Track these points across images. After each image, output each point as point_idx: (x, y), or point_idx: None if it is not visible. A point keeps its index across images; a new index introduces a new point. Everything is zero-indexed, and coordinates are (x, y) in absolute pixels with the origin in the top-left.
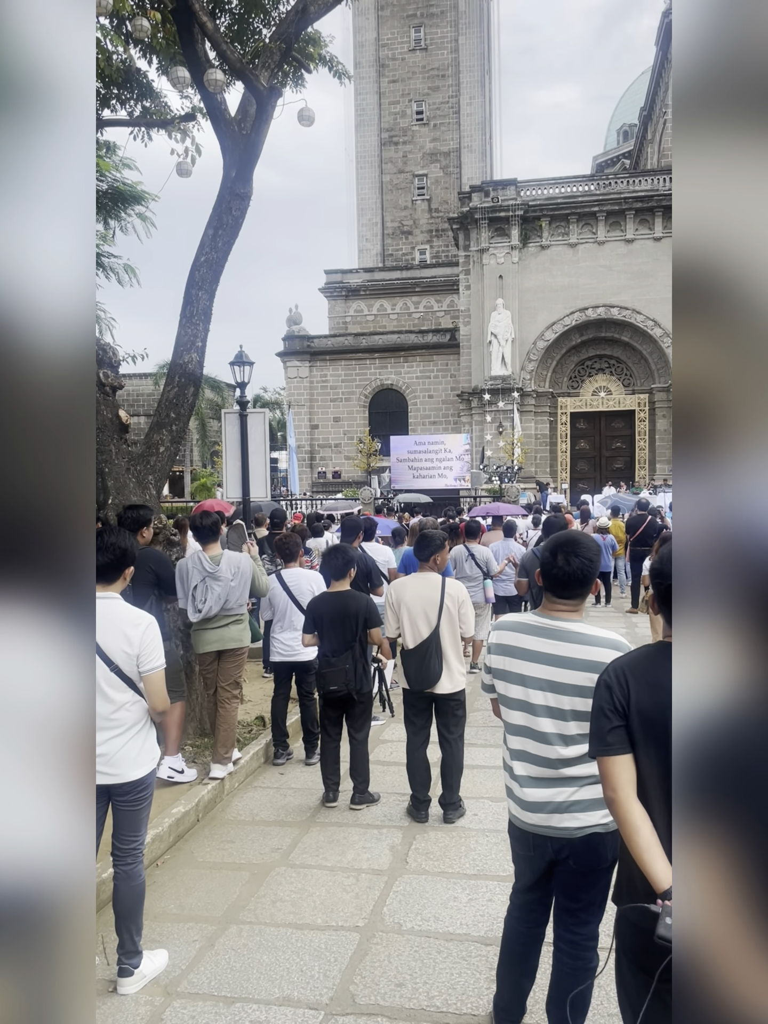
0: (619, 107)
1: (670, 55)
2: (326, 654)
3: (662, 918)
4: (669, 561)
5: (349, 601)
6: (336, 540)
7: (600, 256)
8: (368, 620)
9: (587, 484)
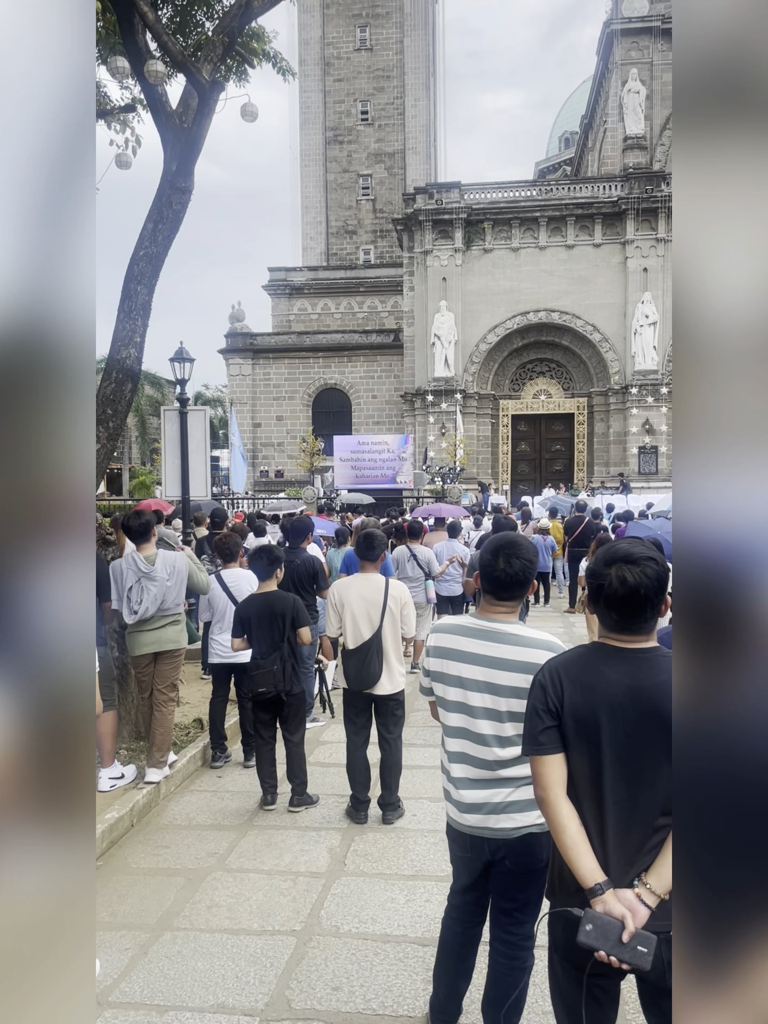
0: (561, 114)
1: (611, 64)
2: (255, 656)
3: (582, 924)
4: (603, 561)
5: (276, 601)
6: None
7: (541, 261)
8: (295, 620)
9: (527, 486)
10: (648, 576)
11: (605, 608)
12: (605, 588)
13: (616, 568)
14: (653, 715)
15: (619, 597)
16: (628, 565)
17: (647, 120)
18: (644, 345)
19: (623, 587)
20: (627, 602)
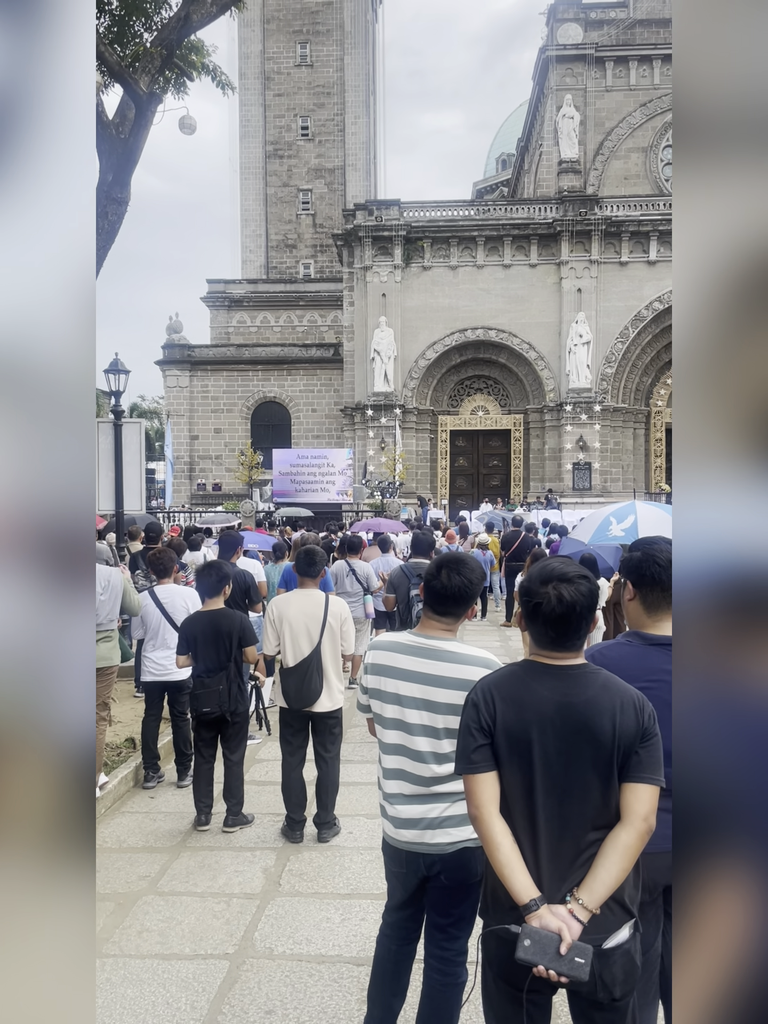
0: (498, 136)
1: (546, 90)
2: (200, 674)
3: (521, 940)
4: (537, 580)
5: (222, 620)
6: (213, 555)
7: (479, 279)
8: (242, 639)
9: (465, 500)
10: (582, 594)
11: (542, 626)
12: (543, 606)
13: (552, 586)
14: (583, 731)
15: (556, 615)
16: (563, 583)
17: (581, 145)
18: (578, 364)
19: (560, 605)
20: (564, 619)
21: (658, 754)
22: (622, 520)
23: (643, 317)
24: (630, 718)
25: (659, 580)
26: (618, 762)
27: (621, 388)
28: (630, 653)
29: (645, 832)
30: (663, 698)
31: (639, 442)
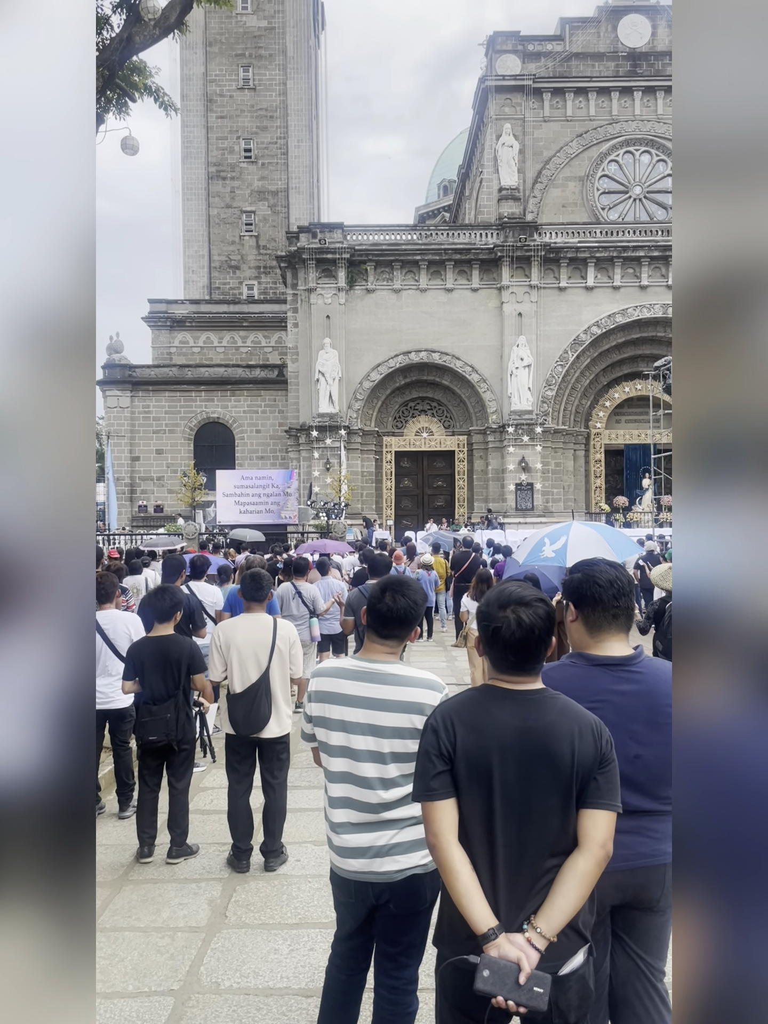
0: (440, 163)
1: (486, 118)
2: (147, 702)
3: (479, 971)
4: (496, 604)
5: (171, 646)
6: (157, 578)
7: (422, 303)
8: (192, 666)
9: (411, 521)
10: (540, 617)
11: (502, 651)
12: (502, 630)
13: (511, 610)
14: (542, 756)
15: (517, 639)
16: (522, 607)
17: (520, 173)
18: (519, 386)
19: (520, 629)
20: (524, 643)
21: (616, 780)
22: (555, 541)
23: (582, 341)
24: (588, 744)
25: (600, 601)
26: (576, 788)
27: (561, 410)
28: (575, 674)
29: (603, 859)
30: (609, 719)
31: (579, 463)
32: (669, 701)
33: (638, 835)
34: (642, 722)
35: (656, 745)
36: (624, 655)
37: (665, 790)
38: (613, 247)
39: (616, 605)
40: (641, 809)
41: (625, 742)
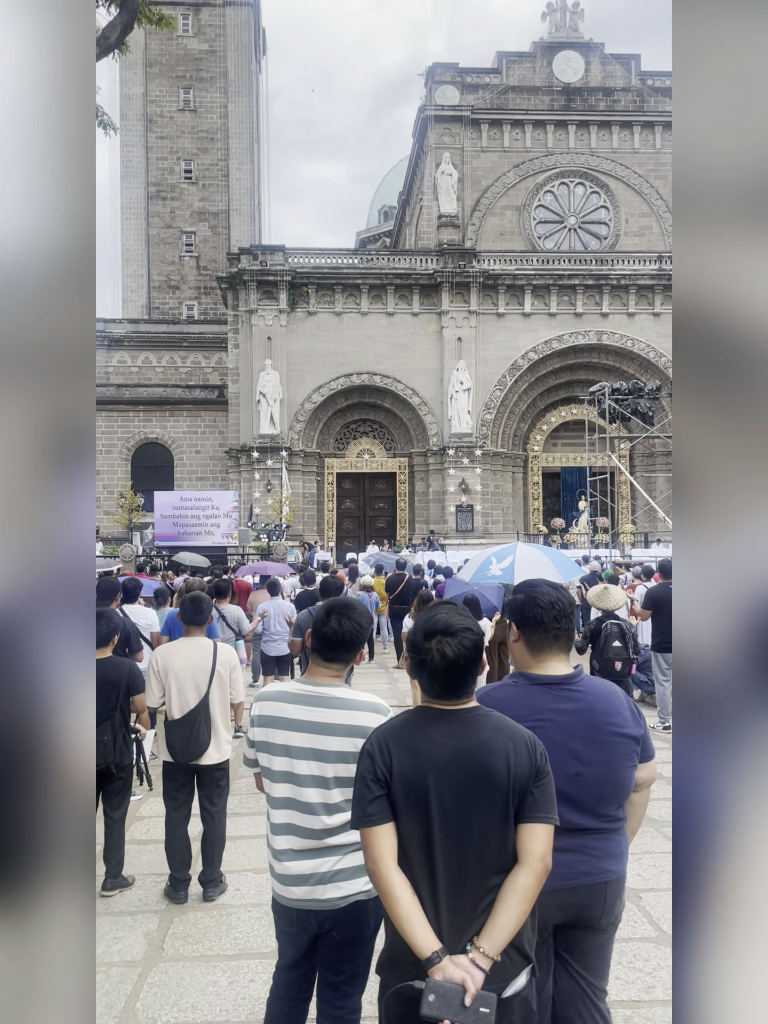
0: (380, 189)
1: (426, 147)
2: None
3: (425, 995)
4: (422, 634)
5: (111, 668)
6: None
7: (364, 326)
8: (131, 687)
9: (352, 542)
10: (466, 647)
11: (428, 680)
12: (428, 662)
13: (436, 642)
14: (478, 774)
15: (441, 670)
16: (447, 638)
17: (459, 201)
18: (459, 410)
19: (444, 660)
20: (448, 674)
21: (552, 792)
22: (502, 560)
23: (519, 366)
24: (523, 758)
25: (541, 622)
26: (514, 803)
27: (500, 433)
28: (516, 694)
29: (543, 872)
30: (550, 737)
31: (518, 485)
32: (608, 719)
33: (579, 853)
34: (582, 740)
35: (596, 763)
36: (564, 674)
37: (606, 808)
38: (549, 275)
39: (557, 626)
40: (582, 827)
41: (566, 760)
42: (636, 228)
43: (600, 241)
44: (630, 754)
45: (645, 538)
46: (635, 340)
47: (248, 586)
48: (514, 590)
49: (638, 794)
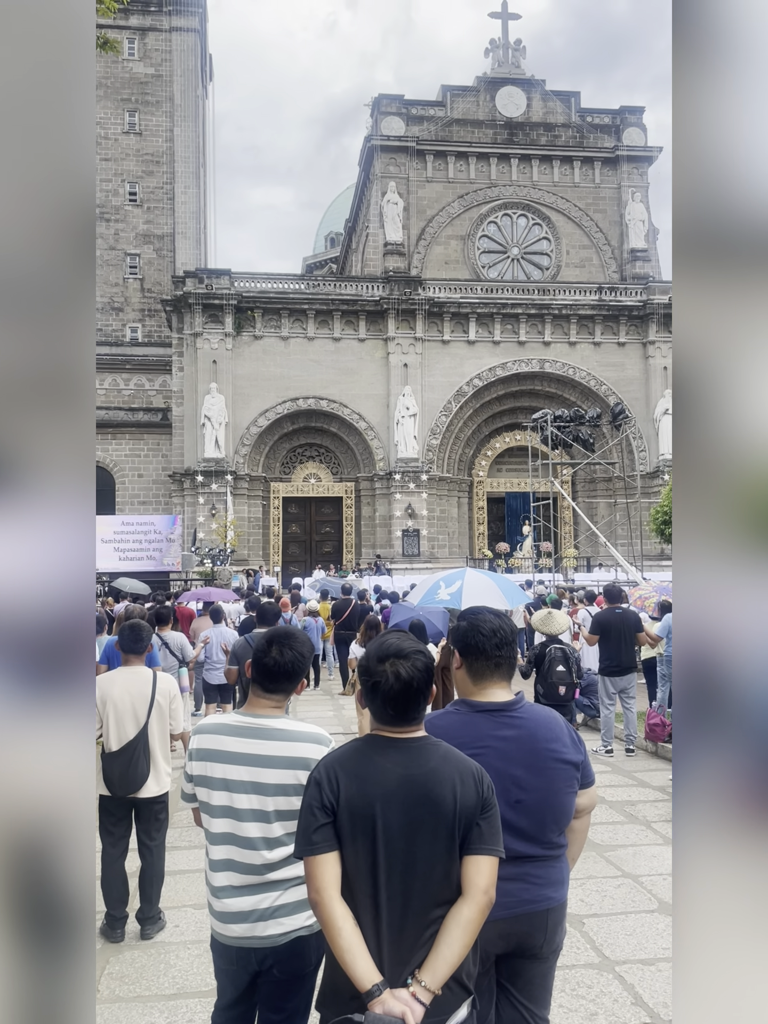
0: (327, 216)
1: (372, 176)
2: None
3: None
4: (375, 657)
5: None
6: None
7: (310, 351)
8: None
9: (298, 567)
10: (419, 669)
11: (382, 704)
12: (381, 685)
13: (390, 663)
14: (424, 802)
15: (395, 692)
16: (400, 660)
17: (405, 229)
18: (406, 435)
19: (398, 682)
20: (403, 696)
21: (498, 825)
22: (450, 584)
23: (464, 392)
24: (470, 789)
25: (483, 650)
26: (459, 834)
27: (446, 459)
28: (458, 721)
29: (486, 905)
30: (492, 764)
31: (463, 510)
32: (548, 745)
33: (522, 882)
34: (523, 767)
35: (537, 790)
36: (505, 700)
37: (547, 835)
38: (493, 304)
39: (498, 654)
40: (524, 855)
41: (507, 787)
42: (577, 260)
43: (542, 271)
44: (570, 780)
45: (587, 562)
46: (576, 368)
47: (191, 612)
48: (458, 617)
49: (578, 820)
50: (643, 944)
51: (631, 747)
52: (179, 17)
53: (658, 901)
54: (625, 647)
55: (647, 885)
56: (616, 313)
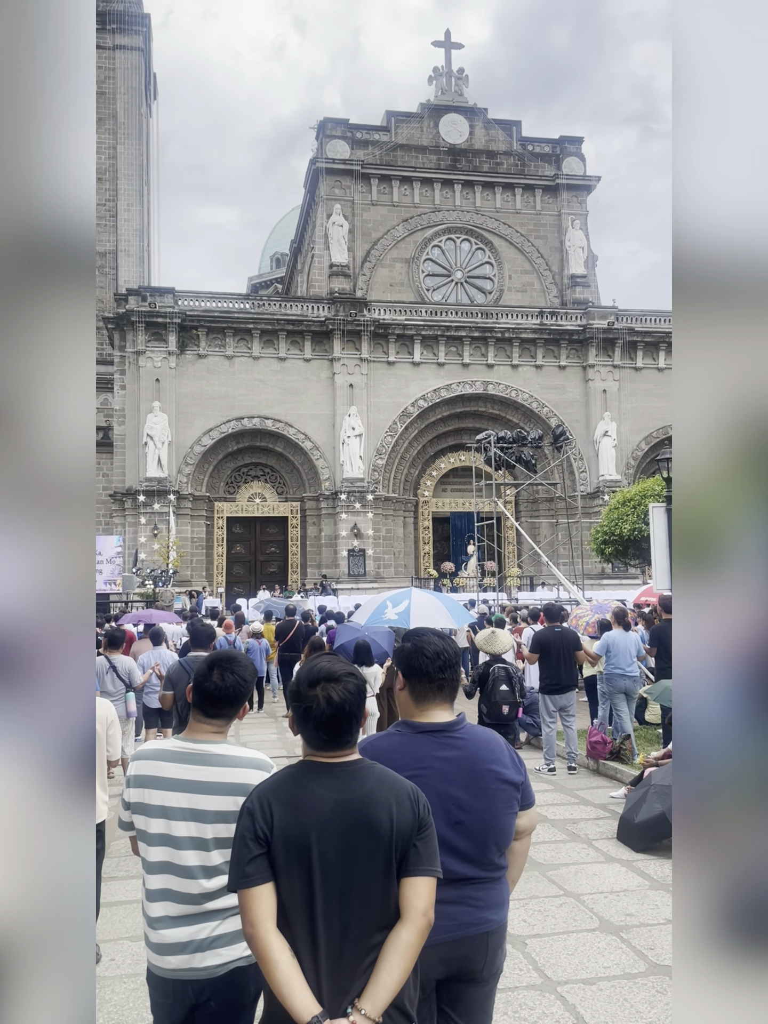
0: (272, 236)
1: (317, 198)
2: None
3: None
4: (306, 682)
5: None
6: None
7: (255, 370)
8: None
9: (243, 588)
10: (351, 692)
11: (314, 729)
12: (312, 710)
13: (321, 688)
14: (360, 827)
15: (327, 717)
16: (332, 684)
17: (350, 251)
18: (351, 455)
19: (330, 706)
20: (335, 720)
21: (434, 845)
22: (398, 604)
23: (410, 413)
24: (406, 810)
25: (426, 672)
26: (396, 857)
27: (392, 479)
28: (399, 742)
29: (425, 927)
30: (432, 786)
31: (409, 529)
32: (489, 766)
33: (462, 905)
34: (464, 788)
35: (478, 811)
36: (447, 721)
37: (488, 856)
38: (438, 326)
39: (441, 677)
40: (465, 877)
41: (448, 809)
42: (519, 284)
43: (485, 295)
44: (511, 801)
45: (531, 581)
46: (519, 391)
47: (132, 635)
48: (402, 638)
49: (519, 842)
50: (584, 963)
51: (573, 765)
52: (123, 35)
53: (599, 919)
54: (564, 665)
55: (589, 904)
56: (557, 337)
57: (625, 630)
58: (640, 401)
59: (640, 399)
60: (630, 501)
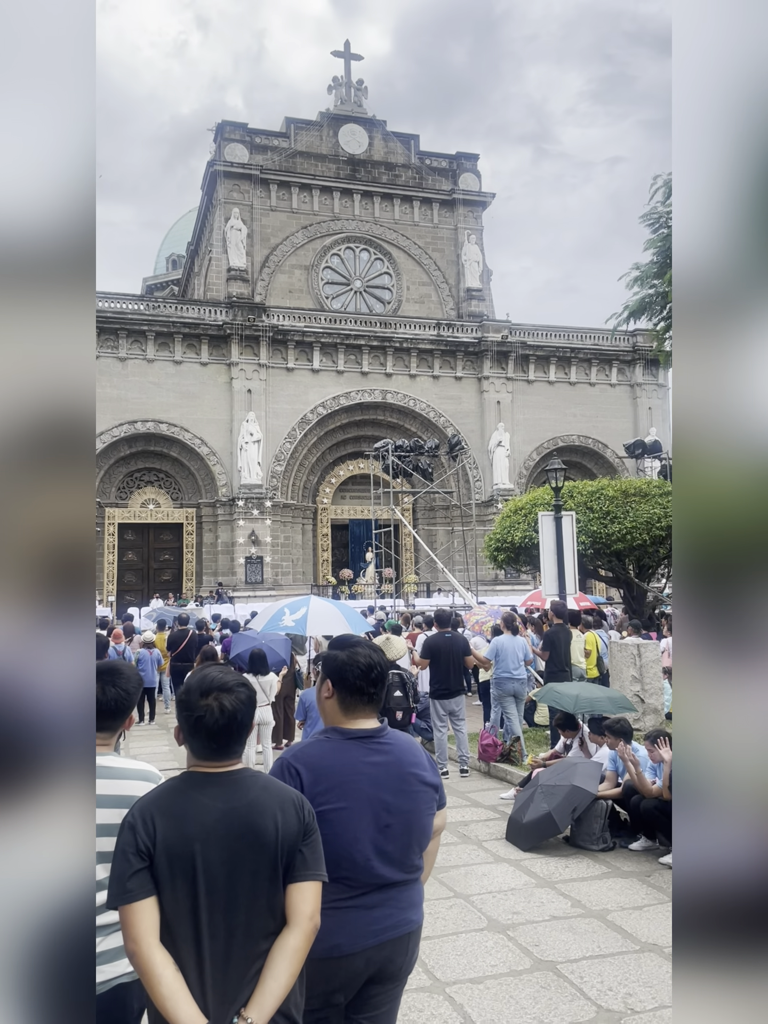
0: (168, 237)
1: (215, 201)
2: None
3: None
4: (197, 692)
5: None
6: None
7: (150, 373)
8: None
9: (135, 596)
10: (243, 702)
11: (205, 738)
12: (205, 719)
13: (214, 697)
14: (246, 835)
15: (220, 726)
16: (224, 693)
17: (249, 256)
18: (249, 461)
19: (223, 716)
20: (227, 729)
21: (320, 850)
22: (295, 611)
23: (309, 420)
24: (291, 816)
25: (358, 686)
26: (282, 863)
27: (291, 485)
28: (331, 748)
29: (311, 931)
30: (364, 791)
31: (308, 537)
32: (413, 770)
33: (386, 907)
34: (391, 791)
35: (403, 813)
36: (374, 728)
37: (410, 858)
38: (337, 334)
39: (372, 690)
40: (391, 881)
41: (378, 813)
42: (417, 295)
43: (384, 305)
44: (431, 802)
45: (427, 588)
46: (417, 400)
47: None
48: (330, 645)
49: (432, 841)
50: (472, 963)
51: (465, 768)
52: None
53: (487, 919)
54: (454, 671)
55: (478, 904)
56: (453, 348)
57: (513, 634)
58: (532, 413)
59: (532, 411)
60: (521, 510)
